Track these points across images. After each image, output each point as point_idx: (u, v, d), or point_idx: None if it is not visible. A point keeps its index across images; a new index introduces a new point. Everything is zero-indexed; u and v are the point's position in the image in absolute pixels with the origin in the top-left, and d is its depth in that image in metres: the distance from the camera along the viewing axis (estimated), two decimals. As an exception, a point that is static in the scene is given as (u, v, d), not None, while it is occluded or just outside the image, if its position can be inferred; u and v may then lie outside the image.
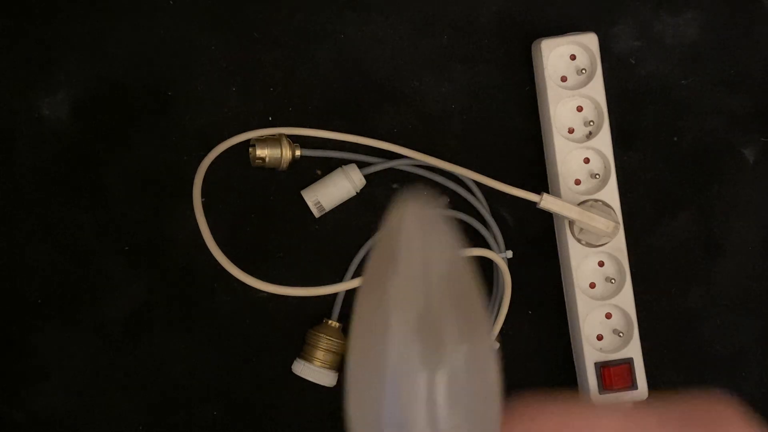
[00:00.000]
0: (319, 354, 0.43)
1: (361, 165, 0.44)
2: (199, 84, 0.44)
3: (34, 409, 0.44)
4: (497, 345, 0.44)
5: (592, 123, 0.43)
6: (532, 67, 0.45)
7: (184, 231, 0.43)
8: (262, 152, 0.42)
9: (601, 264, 0.44)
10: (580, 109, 0.43)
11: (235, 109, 0.44)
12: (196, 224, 0.42)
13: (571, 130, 0.43)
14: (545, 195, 0.42)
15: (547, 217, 0.45)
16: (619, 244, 0.43)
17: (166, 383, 0.44)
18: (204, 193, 0.43)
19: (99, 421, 0.44)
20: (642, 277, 0.45)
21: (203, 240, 0.42)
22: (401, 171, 0.45)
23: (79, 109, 0.44)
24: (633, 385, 0.43)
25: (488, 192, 0.44)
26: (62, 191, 0.44)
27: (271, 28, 0.44)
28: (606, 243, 0.43)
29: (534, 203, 0.42)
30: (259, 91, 0.44)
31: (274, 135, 0.43)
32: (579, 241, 0.43)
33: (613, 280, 0.43)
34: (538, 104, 0.45)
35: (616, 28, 0.45)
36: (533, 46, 0.44)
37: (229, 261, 0.41)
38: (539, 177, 0.45)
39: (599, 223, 0.42)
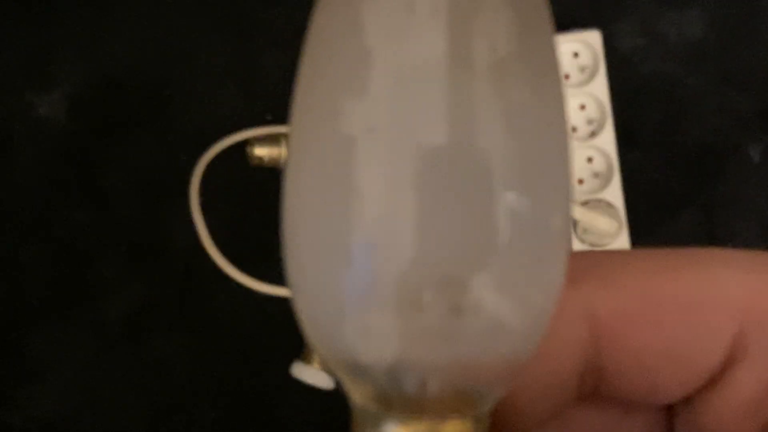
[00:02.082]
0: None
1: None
2: (198, 83, 0.44)
3: (30, 412, 0.44)
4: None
5: (594, 122, 0.43)
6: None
7: (182, 231, 0.43)
8: (260, 151, 0.42)
9: None
10: (582, 107, 0.43)
11: (234, 107, 0.44)
12: (196, 224, 0.42)
13: (573, 129, 0.43)
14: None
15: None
16: (622, 244, 0.43)
17: (164, 385, 0.44)
18: (202, 193, 0.43)
19: (97, 425, 0.44)
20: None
21: (202, 239, 0.41)
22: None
23: (76, 109, 0.43)
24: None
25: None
26: (59, 191, 0.44)
27: (270, 26, 0.44)
28: (609, 243, 0.43)
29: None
30: (257, 90, 0.44)
31: (273, 134, 0.43)
32: (582, 241, 0.43)
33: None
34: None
35: (619, 25, 0.45)
36: None
37: (227, 262, 0.41)
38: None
39: (602, 223, 0.42)
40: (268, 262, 0.44)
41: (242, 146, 0.43)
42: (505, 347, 0.14)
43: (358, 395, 0.14)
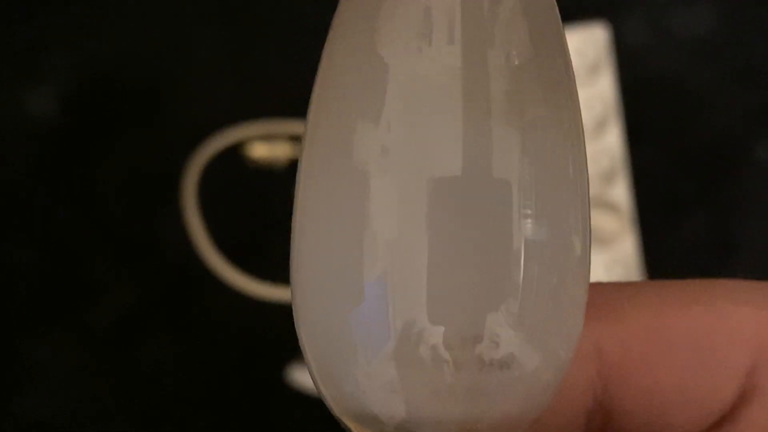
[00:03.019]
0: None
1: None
2: (193, 79, 0.44)
3: (19, 418, 0.43)
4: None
5: (599, 119, 0.43)
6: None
7: (176, 232, 0.43)
8: (258, 151, 0.42)
9: (610, 265, 0.43)
10: (588, 105, 0.43)
11: (231, 105, 0.45)
12: (190, 225, 0.42)
13: None
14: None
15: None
16: (628, 244, 0.43)
17: (156, 390, 0.44)
18: (198, 193, 0.43)
19: (87, 430, 0.44)
20: (653, 278, 0.45)
21: (196, 241, 0.41)
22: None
23: (67, 105, 0.43)
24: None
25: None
26: (49, 190, 0.44)
27: (268, 22, 0.44)
28: (614, 244, 0.43)
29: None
30: (256, 88, 0.44)
31: (271, 133, 0.43)
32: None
33: (622, 283, 0.43)
34: (544, 99, 0.44)
35: (626, 19, 0.45)
36: None
37: (223, 263, 0.41)
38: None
39: (608, 222, 0.42)
40: (264, 263, 0.44)
41: (238, 143, 0.43)
42: (526, 402, 0.13)
43: None
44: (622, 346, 0.16)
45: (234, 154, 0.43)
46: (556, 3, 0.15)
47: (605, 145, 0.43)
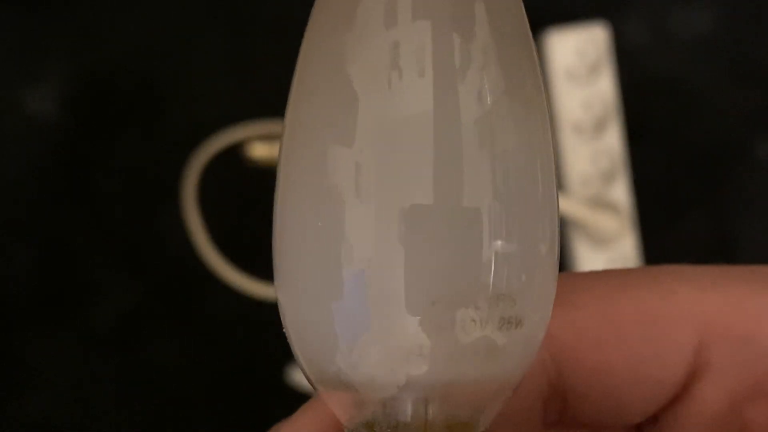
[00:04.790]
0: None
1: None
2: (194, 79, 0.44)
3: (19, 418, 0.43)
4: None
5: (599, 119, 0.43)
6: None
7: (176, 232, 0.43)
8: (258, 151, 0.42)
9: (610, 265, 0.43)
10: (588, 104, 0.43)
11: (231, 105, 0.44)
12: (190, 225, 0.42)
13: (578, 127, 0.43)
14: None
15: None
16: (628, 244, 0.43)
17: (157, 389, 0.44)
18: (198, 193, 0.42)
19: (88, 431, 0.44)
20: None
21: (196, 241, 0.41)
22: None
23: (67, 104, 0.43)
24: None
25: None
26: (48, 189, 0.43)
27: (270, 21, 0.44)
28: (614, 243, 0.43)
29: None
30: (256, 87, 0.44)
31: (271, 133, 0.43)
32: (586, 241, 0.43)
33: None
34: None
35: (625, 19, 0.45)
36: (538, 39, 0.44)
37: (223, 263, 0.41)
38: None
39: (607, 223, 0.42)
40: (264, 263, 0.44)
41: (239, 143, 0.43)
42: (497, 369, 0.14)
43: (349, 422, 0.15)
44: (574, 331, 0.16)
45: (234, 154, 0.43)
46: (529, 28, 0.15)
47: (605, 145, 0.43)
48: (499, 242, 0.14)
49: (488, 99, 0.14)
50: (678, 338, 0.16)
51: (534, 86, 0.15)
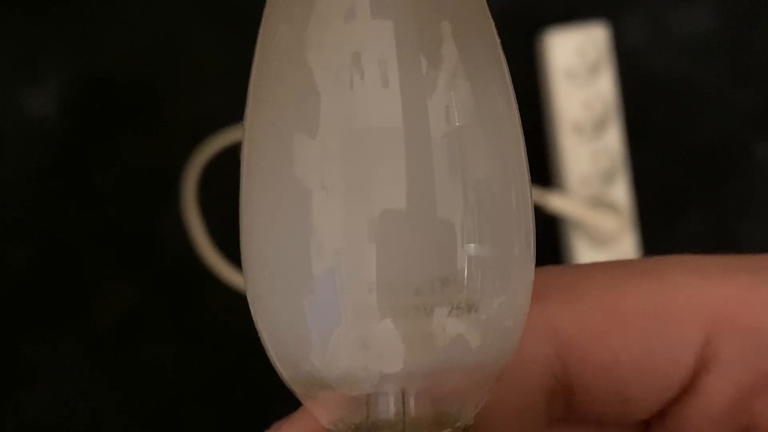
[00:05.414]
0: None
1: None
2: (193, 79, 0.44)
3: (19, 418, 0.43)
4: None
5: (599, 119, 0.43)
6: (536, 60, 0.44)
7: (176, 232, 0.43)
8: None
9: None
10: (588, 104, 0.43)
11: (231, 105, 0.44)
12: (189, 225, 0.42)
13: (578, 127, 0.43)
14: (550, 193, 0.42)
15: (553, 216, 0.44)
16: (628, 244, 0.43)
17: (157, 389, 0.44)
18: (198, 193, 0.42)
19: (87, 431, 0.44)
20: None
21: (196, 241, 0.41)
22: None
23: (67, 105, 0.43)
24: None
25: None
26: (48, 190, 0.43)
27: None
28: (613, 243, 0.43)
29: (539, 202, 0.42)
30: None
31: None
32: (586, 241, 0.43)
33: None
34: (543, 99, 0.44)
35: (625, 18, 0.45)
36: (538, 38, 0.44)
37: (223, 263, 0.41)
38: (544, 174, 0.44)
39: (607, 223, 0.42)
40: None
41: (239, 143, 0.43)
42: (471, 359, 0.14)
43: (327, 421, 0.15)
44: (579, 324, 0.16)
45: (234, 154, 0.43)
46: (497, 38, 0.15)
47: (605, 145, 0.43)
48: (469, 236, 0.13)
49: (453, 92, 0.14)
50: (685, 331, 0.16)
51: (502, 90, 0.15)
